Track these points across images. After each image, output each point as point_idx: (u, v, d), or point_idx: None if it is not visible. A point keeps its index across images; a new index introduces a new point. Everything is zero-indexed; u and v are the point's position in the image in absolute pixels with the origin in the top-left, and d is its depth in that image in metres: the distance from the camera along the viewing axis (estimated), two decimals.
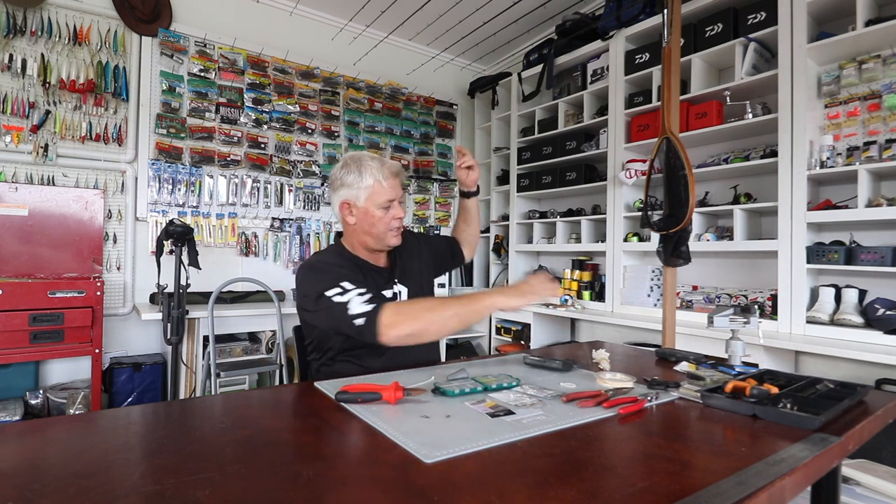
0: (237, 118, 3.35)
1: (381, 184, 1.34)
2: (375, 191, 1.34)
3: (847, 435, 0.80)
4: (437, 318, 1.16)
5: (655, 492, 0.60)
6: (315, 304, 1.23)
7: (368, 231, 1.37)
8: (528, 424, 0.82)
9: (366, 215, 1.35)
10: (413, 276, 1.49)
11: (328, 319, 1.23)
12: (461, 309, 1.17)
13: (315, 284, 1.25)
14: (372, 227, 1.36)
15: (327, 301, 1.20)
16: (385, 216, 1.35)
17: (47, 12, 2.76)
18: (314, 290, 1.24)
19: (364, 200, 1.35)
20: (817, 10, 2.26)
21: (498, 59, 4.47)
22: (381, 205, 1.34)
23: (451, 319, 1.16)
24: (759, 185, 2.56)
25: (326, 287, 1.22)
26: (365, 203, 1.35)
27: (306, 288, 1.28)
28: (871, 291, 2.16)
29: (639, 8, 2.95)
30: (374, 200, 1.34)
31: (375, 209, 1.34)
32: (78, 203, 2.80)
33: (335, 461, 0.69)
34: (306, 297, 1.27)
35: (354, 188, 1.35)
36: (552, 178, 3.55)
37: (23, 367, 2.60)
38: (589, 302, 3.25)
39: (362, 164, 1.35)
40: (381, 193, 1.34)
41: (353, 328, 1.17)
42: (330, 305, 1.20)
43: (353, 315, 1.16)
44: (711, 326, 1.28)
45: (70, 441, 0.75)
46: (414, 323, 1.15)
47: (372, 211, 1.35)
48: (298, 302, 1.34)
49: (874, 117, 2.12)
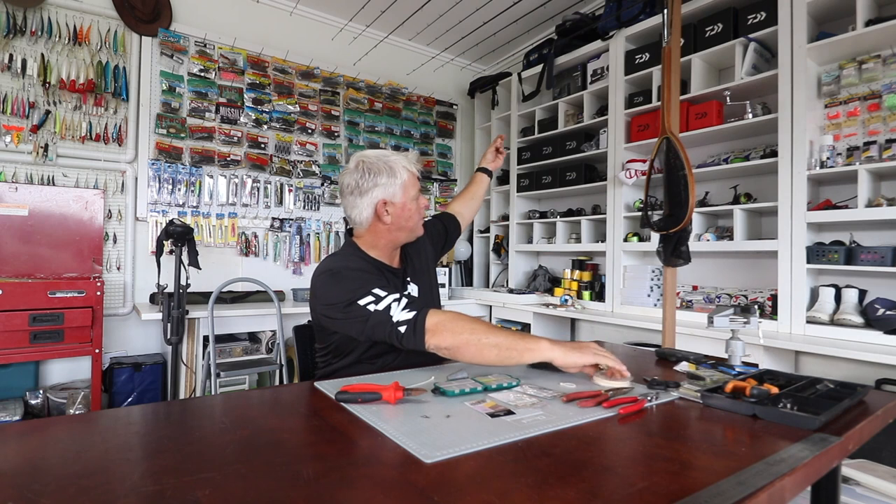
0: (237, 118, 3.35)
1: (413, 174, 1.36)
2: (409, 183, 1.34)
3: (847, 435, 0.80)
4: (475, 342, 1.10)
5: (655, 492, 0.60)
6: (345, 313, 1.19)
7: (404, 226, 1.36)
8: (528, 424, 0.82)
9: (403, 210, 1.34)
10: (422, 274, 1.49)
11: (362, 327, 1.18)
12: (504, 341, 1.10)
13: (343, 293, 1.20)
14: (408, 221, 1.35)
15: (361, 310, 1.17)
16: (418, 206, 1.36)
17: (47, 12, 2.76)
18: (342, 299, 1.20)
19: (402, 196, 1.33)
20: (817, 10, 2.26)
21: (498, 59, 4.47)
22: (414, 196, 1.35)
23: (490, 350, 1.09)
24: (759, 185, 2.56)
25: (357, 296, 1.18)
26: (402, 198, 1.33)
27: (332, 296, 1.23)
28: (871, 291, 2.16)
29: (639, 8, 2.95)
30: (408, 194, 1.34)
31: (410, 202, 1.35)
32: (78, 203, 2.80)
33: (335, 461, 0.69)
34: (332, 305, 1.22)
35: (391, 186, 1.32)
36: (552, 178, 3.55)
37: (23, 367, 2.60)
38: (589, 302, 3.25)
39: (388, 162, 1.33)
40: (413, 185, 1.35)
41: (396, 336, 1.14)
42: (365, 315, 1.16)
43: (397, 322, 1.14)
44: (711, 326, 1.28)
45: (70, 441, 0.75)
46: (454, 337, 1.11)
47: (409, 205, 1.34)
48: (320, 309, 1.28)
49: (874, 117, 2.12)
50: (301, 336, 1.59)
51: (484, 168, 1.84)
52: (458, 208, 1.81)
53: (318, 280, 1.28)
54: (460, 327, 1.13)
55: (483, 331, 1.12)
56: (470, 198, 1.84)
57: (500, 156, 1.85)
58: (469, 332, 1.11)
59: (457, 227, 1.77)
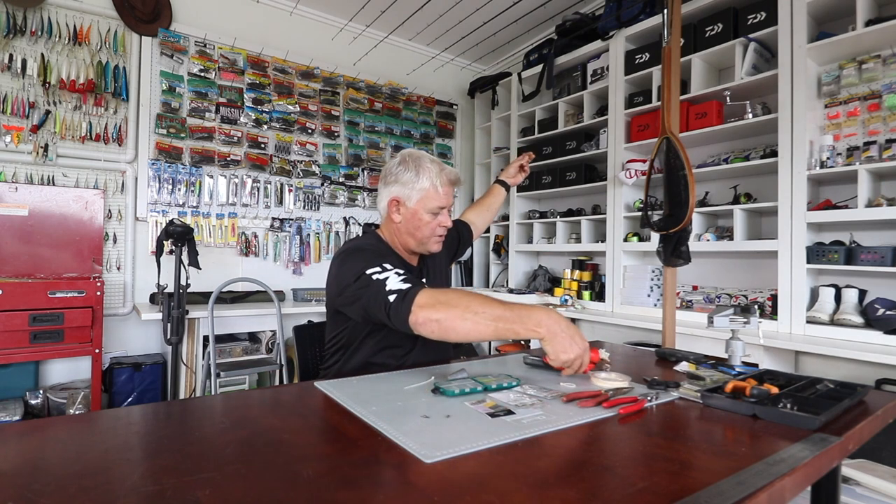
0: (237, 118, 3.35)
1: (437, 189, 1.31)
2: (429, 195, 1.31)
3: (847, 435, 0.80)
4: (472, 315, 1.02)
5: (655, 492, 0.60)
6: (355, 283, 1.17)
7: (412, 233, 1.34)
8: (528, 424, 0.82)
9: (413, 217, 1.33)
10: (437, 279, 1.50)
11: (363, 298, 1.15)
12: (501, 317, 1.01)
13: (356, 264, 1.19)
14: (417, 230, 1.33)
15: (367, 279, 1.14)
16: (433, 222, 1.33)
17: (47, 12, 2.76)
18: (354, 271, 1.18)
19: (415, 202, 1.32)
20: (817, 10, 2.26)
21: (498, 59, 4.47)
22: (431, 210, 1.32)
23: (485, 325, 1.01)
24: (759, 185, 2.56)
25: (367, 266, 1.16)
26: (416, 205, 1.32)
27: (346, 271, 1.21)
28: (871, 291, 2.16)
29: (639, 8, 2.95)
30: (424, 204, 1.32)
31: (424, 213, 1.32)
32: (78, 203, 2.80)
33: (335, 461, 0.69)
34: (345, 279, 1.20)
35: (408, 187, 1.32)
36: (552, 178, 3.55)
37: (23, 367, 2.60)
38: (589, 302, 3.25)
39: (420, 165, 1.32)
40: (434, 199, 1.32)
41: (385, 305, 1.09)
42: (368, 283, 1.14)
43: (388, 290, 1.09)
44: (711, 326, 1.28)
45: (70, 441, 0.75)
46: (446, 309, 1.03)
47: (421, 214, 1.32)
48: (334, 290, 1.26)
49: (874, 117, 2.12)
50: (301, 336, 1.59)
51: (503, 181, 1.78)
52: (472, 217, 1.77)
53: (336, 262, 1.28)
54: (454, 300, 1.05)
55: (479, 305, 1.03)
56: (486, 209, 1.80)
57: (524, 174, 1.79)
58: (464, 307, 1.03)
59: (470, 235, 1.74)
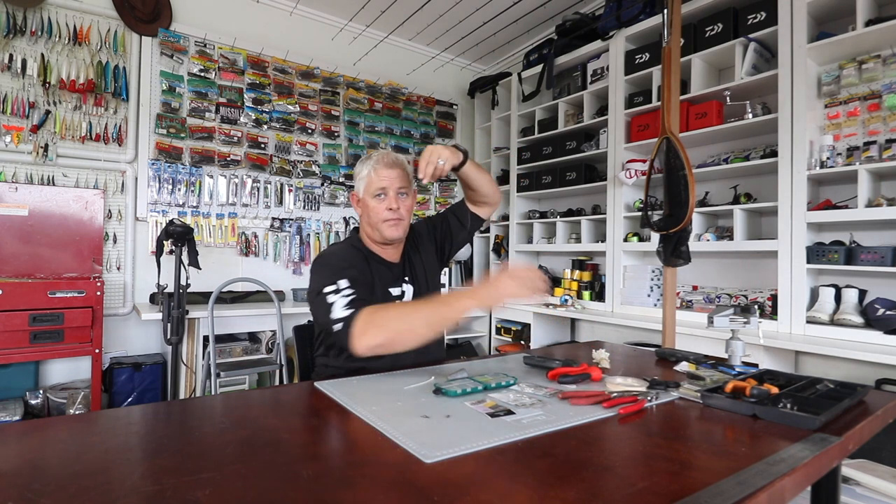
0: (237, 118, 3.35)
1: (372, 174, 1.38)
2: (370, 180, 1.38)
3: (847, 435, 0.80)
4: (407, 328, 1.08)
5: (655, 492, 0.60)
6: (316, 299, 1.22)
7: (369, 222, 1.40)
8: (527, 424, 0.82)
9: (365, 206, 1.40)
10: (420, 275, 1.49)
11: (320, 319, 1.21)
12: (432, 316, 1.10)
13: (319, 278, 1.24)
14: (370, 218, 1.39)
15: (322, 298, 1.18)
16: (378, 206, 1.37)
17: (47, 12, 2.76)
18: (314, 286, 1.24)
19: (363, 191, 1.40)
20: (817, 10, 2.26)
21: (498, 59, 4.47)
22: (373, 194, 1.37)
23: (422, 329, 1.08)
24: (759, 185, 2.56)
25: (326, 283, 1.20)
26: (363, 194, 1.40)
27: (313, 281, 1.27)
28: (871, 291, 2.16)
29: (639, 8, 2.95)
30: (368, 190, 1.38)
31: (370, 199, 1.38)
32: (78, 203, 2.80)
33: (335, 461, 0.69)
34: (311, 290, 1.27)
35: (357, 180, 1.42)
36: (552, 178, 3.55)
37: (23, 367, 2.60)
38: (589, 302, 3.25)
39: (365, 158, 1.43)
40: (373, 182, 1.37)
41: (335, 334, 1.14)
42: (322, 303, 1.18)
43: (334, 319, 1.14)
44: (711, 326, 1.28)
45: (70, 441, 0.75)
46: (383, 332, 1.08)
47: (368, 201, 1.38)
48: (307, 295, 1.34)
49: (874, 117, 2.12)
50: (301, 336, 1.59)
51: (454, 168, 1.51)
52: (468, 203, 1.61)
53: (311, 267, 1.34)
54: (386, 319, 1.10)
55: (410, 314, 1.12)
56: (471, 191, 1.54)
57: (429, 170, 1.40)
58: (397, 320, 1.10)
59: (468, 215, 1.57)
